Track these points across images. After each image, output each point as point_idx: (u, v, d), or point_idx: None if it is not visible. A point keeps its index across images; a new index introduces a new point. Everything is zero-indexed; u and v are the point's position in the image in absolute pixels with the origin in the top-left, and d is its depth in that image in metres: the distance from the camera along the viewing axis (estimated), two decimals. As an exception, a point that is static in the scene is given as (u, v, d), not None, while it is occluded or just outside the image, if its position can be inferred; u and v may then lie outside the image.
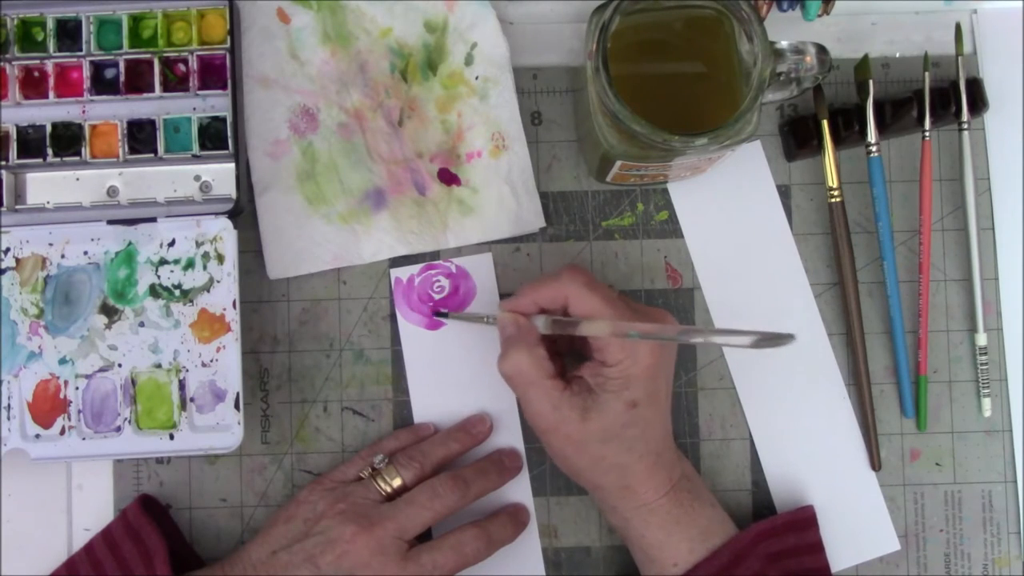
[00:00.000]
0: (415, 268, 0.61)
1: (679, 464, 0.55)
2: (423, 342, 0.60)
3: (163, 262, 0.58)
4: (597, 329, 0.51)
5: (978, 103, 0.61)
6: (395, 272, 0.61)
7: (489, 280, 0.61)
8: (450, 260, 0.61)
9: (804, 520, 0.57)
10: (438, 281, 0.61)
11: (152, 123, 0.58)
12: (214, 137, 0.58)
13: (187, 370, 0.57)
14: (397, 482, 0.55)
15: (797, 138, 0.61)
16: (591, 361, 0.53)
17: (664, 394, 0.54)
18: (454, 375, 0.60)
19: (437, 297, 0.60)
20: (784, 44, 0.52)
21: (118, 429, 0.57)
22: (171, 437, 0.56)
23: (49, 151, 0.58)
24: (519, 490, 0.60)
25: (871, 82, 0.59)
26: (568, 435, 0.52)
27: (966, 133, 0.60)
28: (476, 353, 0.60)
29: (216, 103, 0.59)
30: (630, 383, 0.52)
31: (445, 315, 0.60)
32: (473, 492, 0.56)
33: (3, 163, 0.58)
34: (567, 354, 0.58)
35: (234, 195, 0.58)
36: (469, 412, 0.60)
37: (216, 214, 0.58)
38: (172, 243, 0.58)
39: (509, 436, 0.60)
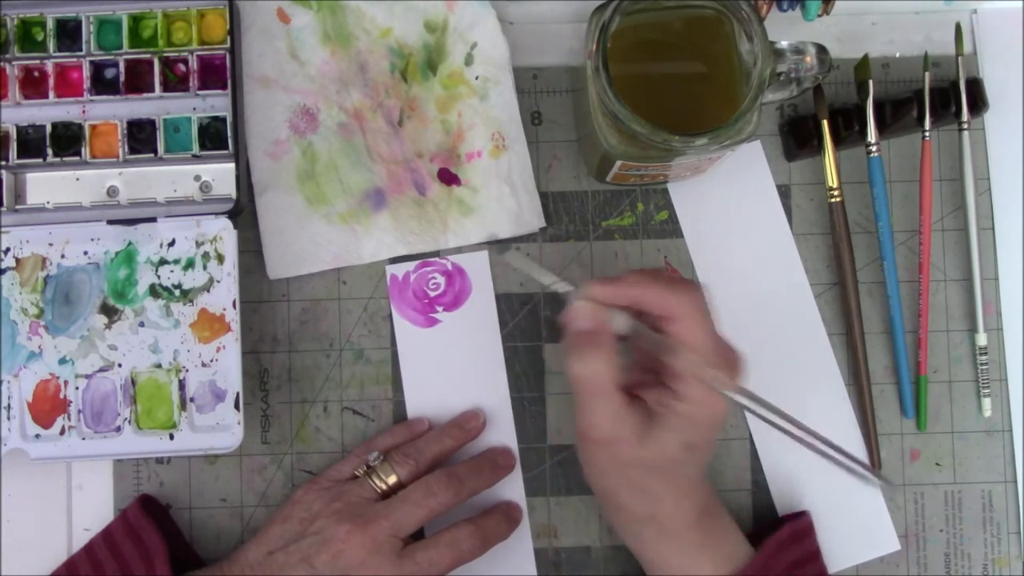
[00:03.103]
0: (410, 265, 0.61)
1: (704, 494, 0.53)
2: (417, 339, 0.60)
3: (163, 262, 0.58)
4: (697, 371, 0.46)
5: (978, 103, 0.60)
6: (391, 269, 0.61)
7: (485, 277, 0.61)
8: (446, 257, 0.61)
9: (804, 529, 0.57)
10: (434, 278, 0.61)
11: (152, 123, 0.58)
12: (214, 137, 0.58)
13: (187, 370, 0.57)
14: (392, 479, 0.55)
15: (797, 138, 0.61)
16: (660, 386, 0.49)
17: (714, 440, 0.52)
18: (448, 371, 0.60)
19: (432, 294, 0.60)
20: (784, 44, 0.52)
21: (118, 429, 0.57)
22: (171, 437, 0.56)
23: (49, 151, 0.58)
24: (512, 488, 0.60)
25: (871, 82, 0.59)
26: (618, 454, 0.49)
27: (966, 133, 0.60)
28: (470, 350, 0.60)
29: (216, 103, 0.59)
30: (696, 426, 0.49)
31: (507, 249, 0.53)
32: (467, 490, 0.56)
33: (3, 163, 0.58)
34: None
35: (234, 195, 0.58)
36: (463, 408, 0.60)
37: (216, 214, 0.58)
38: (172, 243, 0.58)
39: (502, 434, 0.60)
